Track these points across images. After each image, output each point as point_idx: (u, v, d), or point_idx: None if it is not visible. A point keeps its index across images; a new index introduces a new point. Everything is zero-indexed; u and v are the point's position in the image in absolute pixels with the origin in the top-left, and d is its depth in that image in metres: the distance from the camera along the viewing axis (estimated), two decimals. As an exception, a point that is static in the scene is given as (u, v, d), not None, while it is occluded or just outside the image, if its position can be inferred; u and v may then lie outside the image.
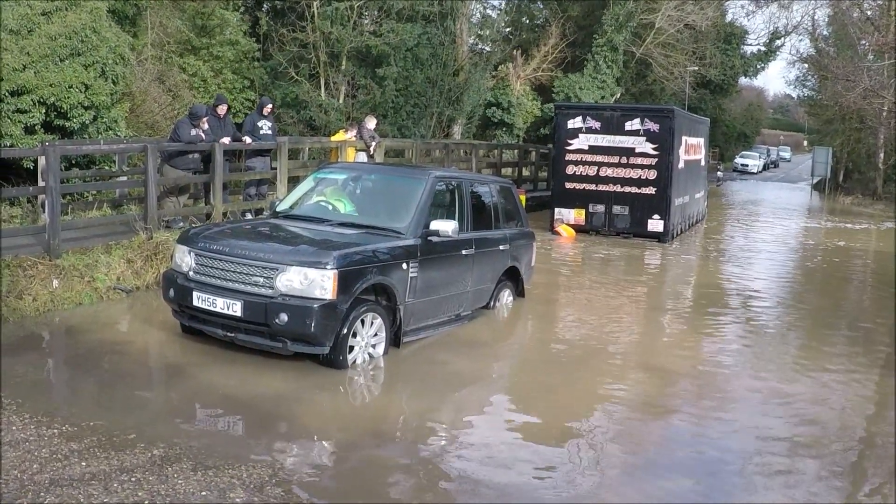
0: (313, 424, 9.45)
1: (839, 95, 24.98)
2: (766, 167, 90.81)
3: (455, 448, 9.02)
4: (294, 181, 19.18)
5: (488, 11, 50.33)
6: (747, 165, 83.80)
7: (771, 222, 37.74)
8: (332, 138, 23.36)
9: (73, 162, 19.48)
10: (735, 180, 69.93)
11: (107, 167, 20.23)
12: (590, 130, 27.18)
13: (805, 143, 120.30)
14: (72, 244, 14.90)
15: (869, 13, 20.58)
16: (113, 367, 11.10)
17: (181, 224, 17.22)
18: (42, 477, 7.40)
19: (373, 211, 12.92)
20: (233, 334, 11.04)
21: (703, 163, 34.63)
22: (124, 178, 19.15)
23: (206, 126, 17.98)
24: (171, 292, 11.56)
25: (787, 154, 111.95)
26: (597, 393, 11.41)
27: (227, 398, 9.96)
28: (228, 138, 18.55)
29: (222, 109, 19.39)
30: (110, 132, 20.30)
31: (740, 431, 10.18)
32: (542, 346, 14.00)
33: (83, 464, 7.70)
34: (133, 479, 7.44)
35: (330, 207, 13.16)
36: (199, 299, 11.07)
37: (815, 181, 61.35)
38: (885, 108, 29.34)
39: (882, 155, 55.51)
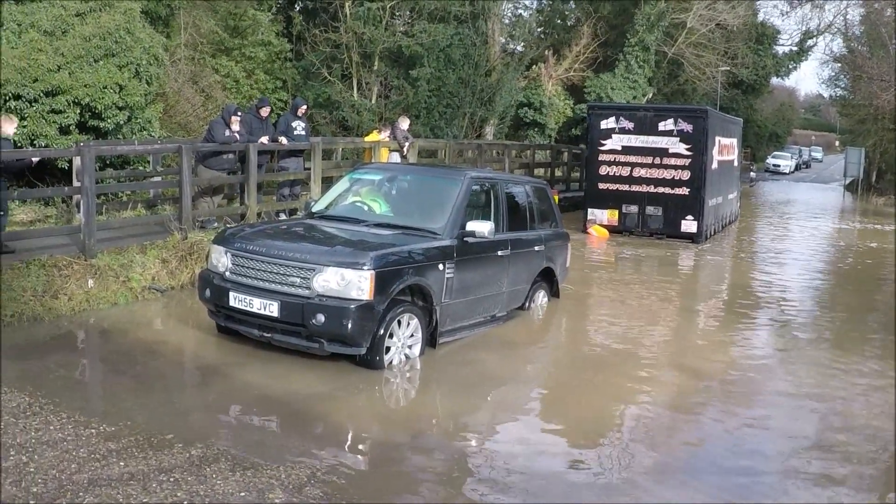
0: (350, 425, 9.46)
1: (874, 96, 24.78)
2: (797, 167, 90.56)
3: (490, 449, 8.99)
4: (327, 182, 19.19)
5: (520, 12, 50.35)
6: (779, 166, 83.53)
7: (804, 223, 37.54)
8: (366, 139, 23.34)
9: (108, 162, 19.54)
10: (767, 181, 69.69)
11: (141, 167, 20.29)
12: (623, 131, 27.11)
13: (837, 143, 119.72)
14: (107, 244, 14.92)
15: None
16: (149, 367, 11.11)
17: (215, 224, 17.26)
18: (80, 477, 7.38)
19: (409, 212, 12.90)
20: (269, 335, 11.03)
21: (736, 163, 34.51)
22: (158, 179, 19.18)
23: (236, 126, 17.96)
24: (208, 292, 11.56)
25: (818, 154, 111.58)
26: (629, 394, 11.37)
27: (264, 398, 9.94)
28: (266, 138, 18.56)
29: (265, 111, 19.46)
30: (144, 133, 20.37)
31: (772, 435, 10.09)
32: (577, 348, 14.00)
33: (121, 464, 7.68)
34: (171, 480, 7.43)
35: (366, 208, 13.14)
36: (236, 300, 11.07)
37: (847, 182, 61.04)
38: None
39: (915, 156, 55.20)
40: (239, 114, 18.28)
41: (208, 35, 29.07)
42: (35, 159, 15.27)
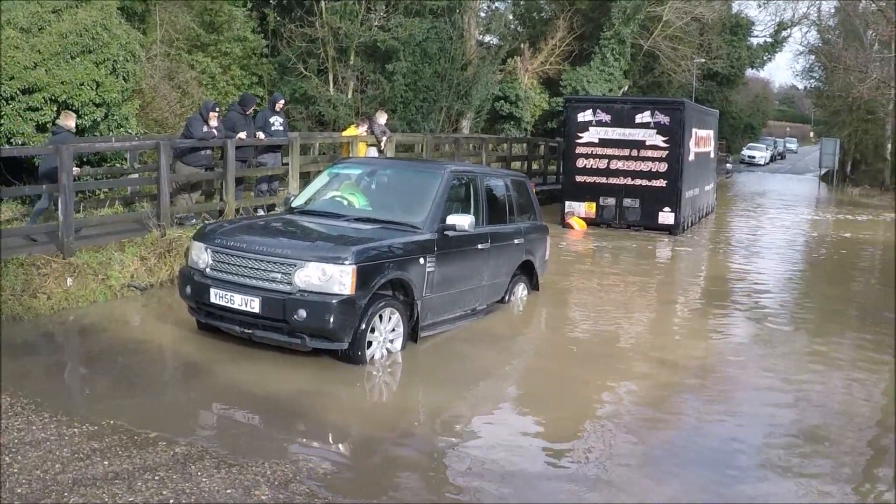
0: (333, 420, 9.46)
1: (850, 87, 24.90)
2: (773, 159, 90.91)
3: (472, 443, 9.02)
4: (305, 177, 19.19)
5: (496, 5, 50.31)
6: (754, 157, 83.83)
7: (779, 214, 37.76)
8: (343, 134, 23.30)
9: (85, 160, 19.42)
10: (742, 172, 69.98)
11: (118, 165, 20.19)
12: (600, 123, 27.17)
13: (812, 134, 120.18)
14: (85, 242, 14.88)
15: (882, 3, 20.47)
16: (130, 365, 11.10)
17: (194, 221, 17.23)
18: (65, 477, 7.36)
19: (389, 206, 12.91)
20: (251, 331, 11.01)
21: (712, 155, 34.68)
22: (136, 176, 19.08)
23: (214, 122, 17.93)
24: (188, 289, 11.52)
25: (793, 145, 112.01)
26: (610, 386, 11.44)
27: (247, 395, 9.93)
28: (244, 133, 18.53)
29: (249, 109, 19.49)
30: (121, 129, 20.27)
31: (750, 425, 10.16)
32: (557, 340, 14.02)
33: (105, 463, 7.66)
34: (157, 478, 7.41)
35: (345, 203, 13.13)
36: (217, 296, 11.04)
37: (822, 172, 61.31)
38: (894, 99, 29.29)
39: (890, 146, 55.44)
40: (217, 109, 18.23)
41: (184, 31, 28.93)
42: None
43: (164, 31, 27.72)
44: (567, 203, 27.71)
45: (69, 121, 16.32)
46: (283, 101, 21.17)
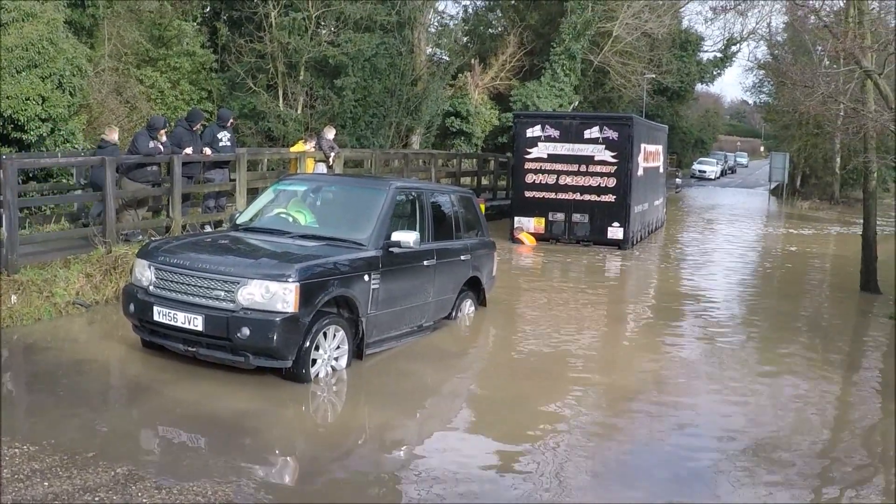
0: (277, 440, 9.40)
1: (798, 102, 25.10)
2: (723, 173, 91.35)
3: (418, 462, 9.00)
4: (253, 193, 19.11)
5: (446, 21, 50.42)
6: (705, 171, 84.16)
7: (729, 228, 37.97)
8: (292, 149, 23.27)
9: (31, 175, 19.31)
10: (693, 186, 70.30)
11: (64, 180, 20.08)
12: (549, 139, 27.23)
13: (762, 148, 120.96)
14: (30, 259, 14.75)
15: (827, 20, 20.70)
16: (73, 384, 10.98)
17: (140, 237, 17.12)
18: (4, 499, 7.29)
19: (334, 222, 12.89)
20: (194, 349, 10.96)
21: (661, 170, 34.86)
22: (82, 192, 18.98)
23: (164, 139, 17.89)
24: (132, 307, 11.45)
25: (744, 160, 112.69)
26: (559, 402, 11.42)
27: (190, 414, 9.87)
28: (190, 149, 18.47)
29: (197, 124, 19.45)
30: (68, 145, 20.20)
31: (702, 437, 10.26)
32: (504, 356, 14.02)
33: (45, 484, 7.60)
34: (96, 499, 7.36)
35: (290, 219, 13.11)
36: (160, 314, 10.98)
37: (772, 186, 61.73)
38: (842, 114, 29.53)
39: (839, 160, 55.91)
40: (166, 126, 18.17)
41: (133, 45, 28.87)
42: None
43: (112, 45, 27.64)
44: (516, 218, 27.72)
45: (113, 135, 17.26)
46: (232, 117, 21.12)
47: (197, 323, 10.67)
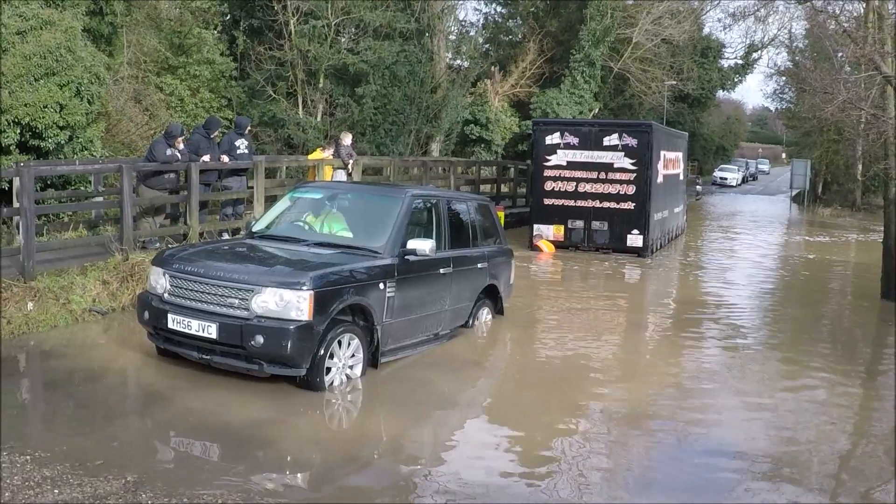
0: (290, 449, 9.36)
1: (817, 108, 25.01)
2: (744, 180, 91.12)
3: (432, 471, 8.94)
4: (271, 200, 19.10)
5: (466, 28, 50.46)
6: (726, 179, 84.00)
7: (750, 236, 37.84)
8: (310, 157, 23.26)
9: (49, 182, 19.32)
10: (714, 194, 70.11)
11: (82, 188, 20.10)
12: (568, 146, 27.15)
13: (783, 155, 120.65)
14: (47, 266, 14.77)
15: (846, 25, 20.62)
16: (88, 391, 10.99)
17: (157, 245, 17.13)
18: (14, 507, 7.29)
19: (349, 230, 12.82)
20: (208, 357, 10.92)
21: (681, 177, 34.72)
22: (100, 199, 18.99)
23: (181, 146, 17.91)
24: (146, 315, 11.44)
25: (765, 167, 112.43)
26: (576, 412, 11.36)
27: (204, 422, 9.84)
28: (208, 156, 18.49)
29: (214, 132, 19.45)
30: (86, 152, 20.20)
31: (723, 448, 10.15)
32: (521, 365, 13.94)
33: (56, 491, 7.58)
34: (106, 507, 7.34)
35: (306, 227, 13.09)
36: (175, 322, 10.96)
37: (793, 193, 61.54)
38: (863, 120, 29.41)
39: (860, 166, 55.74)
40: (183, 134, 18.16)
41: (152, 53, 28.94)
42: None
43: (131, 53, 27.66)
44: (535, 226, 27.64)
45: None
46: (250, 125, 21.13)
47: (211, 331, 10.64)
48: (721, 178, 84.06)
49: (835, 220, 49.16)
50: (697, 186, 63.14)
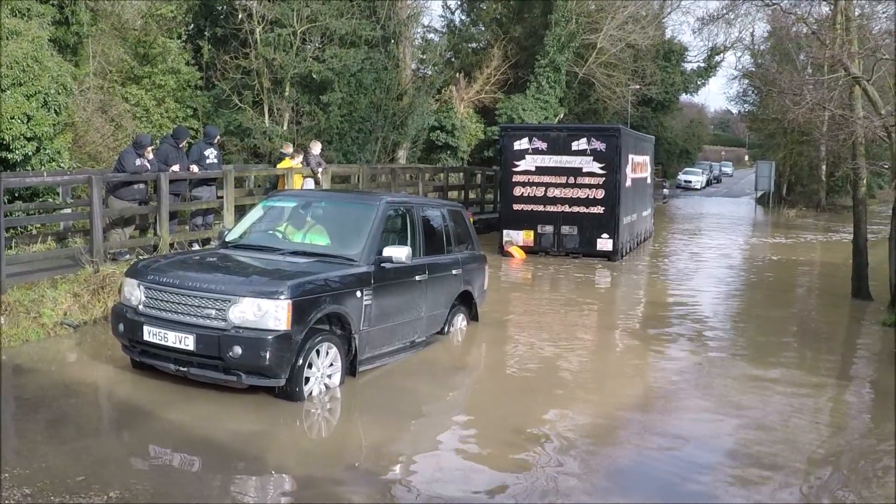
0: (271, 460, 9.29)
1: (786, 109, 25.12)
2: (709, 183, 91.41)
3: (412, 479, 8.93)
4: (241, 210, 19.02)
5: (430, 35, 50.42)
6: (691, 182, 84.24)
7: (717, 238, 38.00)
8: (279, 166, 23.18)
9: (17, 195, 19.15)
10: (679, 197, 70.36)
11: (51, 199, 19.92)
12: (536, 151, 27.18)
13: (746, 157, 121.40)
14: (16, 279, 14.64)
15: (815, 27, 20.72)
16: (63, 407, 10.83)
17: (127, 256, 17.01)
18: (-6, 524, 7.18)
19: (324, 238, 12.78)
20: (185, 369, 10.82)
21: (649, 180, 34.88)
22: (68, 211, 18.83)
23: (150, 156, 17.78)
24: (121, 327, 11.32)
25: (729, 169, 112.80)
26: (551, 416, 11.40)
27: (183, 436, 9.74)
28: (178, 166, 18.38)
29: (183, 142, 19.34)
30: (53, 164, 20.03)
31: (694, 449, 10.25)
32: (497, 371, 13.98)
33: (36, 509, 7.48)
34: (89, 524, 7.24)
35: (280, 236, 13.01)
36: (150, 333, 10.85)
37: (758, 195, 61.87)
38: (827, 119, 29.70)
39: (825, 167, 56.13)
40: (152, 144, 18.01)
41: (117, 63, 28.71)
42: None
43: (97, 63, 27.46)
44: (505, 231, 27.67)
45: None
46: (219, 135, 21.03)
47: (188, 342, 10.54)
48: (686, 181, 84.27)
49: (800, 220, 49.51)
50: (664, 190, 63.36)
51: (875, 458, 10.32)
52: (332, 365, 11.42)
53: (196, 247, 18.26)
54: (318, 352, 11.11)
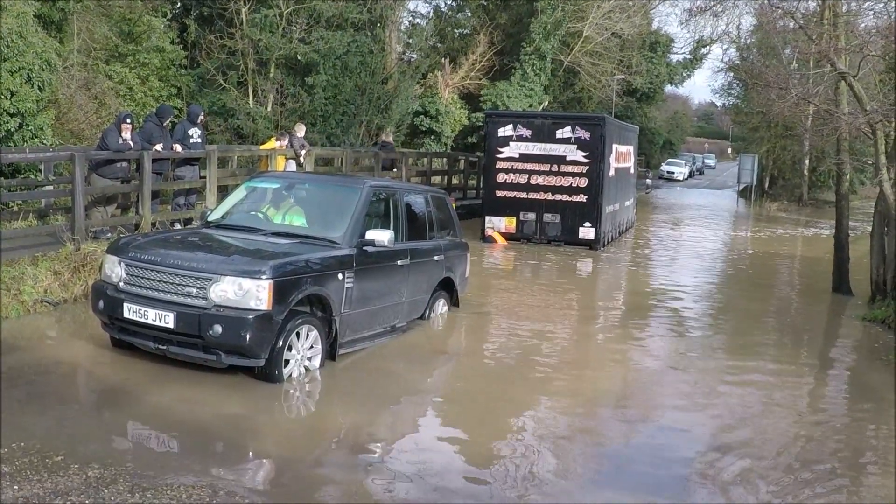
0: (250, 441, 9.26)
1: (771, 103, 25.13)
2: (691, 174, 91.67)
3: (390, 463, 8.91)
4: (223, 190, 18.97)
5: (417, 20, 50.37)
6: (673, 173, 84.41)
7: (699, 229, 38.13)
8: (262, 147, 23.14)
9: (-1, 171, 19.08)
10: (662, 188, 70.49)
11: (32, 176, 19.82)
12: (521, 138, 27.15)
13: (729, 150, 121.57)
14: (-3, 256, 14.54)
15: (802, 22, 20.74)
16: (42, 384, 10.79)
17: (109, 235, 16.92)
18: (-30, 502, 7.14)
19: (307, 220, 12.75)
20: (165, 347, 10.78)
21: (632, 170, 34.91)
22: (50, 188, 18.75)
23: (127, 134, 17.62)
24: (101, 304, 11.26)
25: (711, 161, 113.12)
26: (531, 403, 11.45)
27: (162, 415, 9.70)
28: (161, 146, 18.29)
29: (167, 120, 19.24)
30: (36, 140, 19.92)
31: (674, 440, 10.28)
32: (477, 357, 13.98)
33: (15, 487, 7.42)
34: (68, 503, 7.19)
35: (263, 217, 12.98)
36: (130, 311, 10.79)
37: (740, 188, 62.03)
38: (811, 114, 29.78)
39: (807, 162, 56.24)
40: (129, 121, 17.84)
41: (102, 41, 28.59)
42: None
43: (81, 40, 27.36)
44: (488, 218, 27.64)
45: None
46: (203, 114, 20.96)
47: (168, 320, 10.49)
48: (668, 172, 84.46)
49: (782, 214, 49.67)
50: (647, 180, 63.45)
51: (852, 451, 10.36)
52: (312, 347, 11.39)
53: (178, 226, 18.16)
54: (298, 334, 11.06)
